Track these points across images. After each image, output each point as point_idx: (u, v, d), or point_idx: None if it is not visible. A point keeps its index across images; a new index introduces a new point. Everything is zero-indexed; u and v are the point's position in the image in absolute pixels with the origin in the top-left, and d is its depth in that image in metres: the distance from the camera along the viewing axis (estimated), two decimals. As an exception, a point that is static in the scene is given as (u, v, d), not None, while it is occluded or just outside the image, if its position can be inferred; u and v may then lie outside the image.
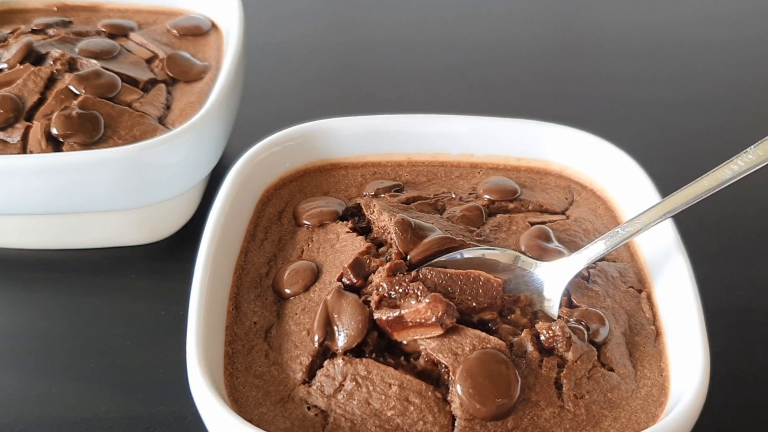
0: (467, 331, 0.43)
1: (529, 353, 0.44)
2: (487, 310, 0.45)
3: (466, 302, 0.45)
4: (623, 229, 0.48)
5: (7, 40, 0.68)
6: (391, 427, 0.42)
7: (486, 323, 0.45)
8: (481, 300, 0.45)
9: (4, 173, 0.57)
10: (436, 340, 0.43)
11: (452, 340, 0.43)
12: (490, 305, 0.45)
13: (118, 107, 0.62)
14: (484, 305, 0.45)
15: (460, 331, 0.43)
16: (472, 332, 0.43)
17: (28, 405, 0.54)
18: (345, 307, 0.45)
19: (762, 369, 0.57)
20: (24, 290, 0.63)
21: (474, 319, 0.45)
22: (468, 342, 0.43)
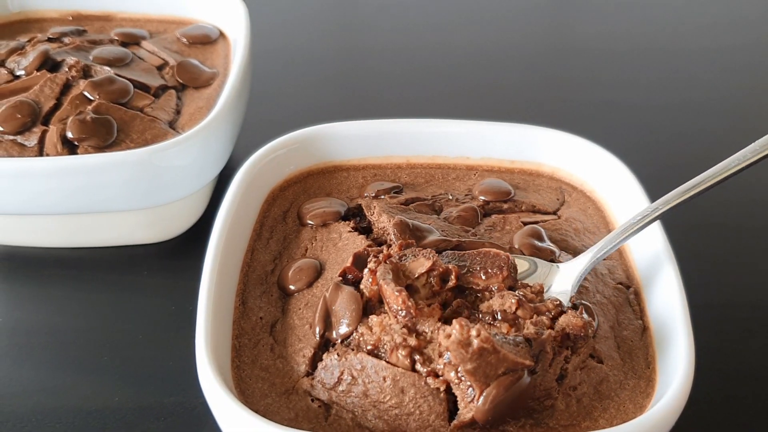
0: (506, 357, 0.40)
1: (545, 354, 0.43)
2: (494, 279, 0.46)
3: (475, 274, 0.46)
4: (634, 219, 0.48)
5: (25, 48, 0.68)
6: (390, 417, 0.42)
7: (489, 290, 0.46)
8: (489, 270, 0.46)
9: (22, 175, 0.57)
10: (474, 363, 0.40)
11: (488, 365, 0.40)
12: (496, 274, 0.46)
13: (131, 112, 0.62)
14: (491, 275, 0.46)
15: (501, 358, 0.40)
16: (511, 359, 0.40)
17: (44, 396, 0.54)
18: (342, 298, 0.45)
19: (745, 362, 0.57)
20: (40, 287, 0.63)
21: (480, 287, 0.46)
22: (502, 367, 0.40)
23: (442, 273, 0.45)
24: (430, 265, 0.45)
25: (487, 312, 0.44)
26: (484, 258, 0.47)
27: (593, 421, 0.43)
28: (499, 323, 0.43)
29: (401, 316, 0.43)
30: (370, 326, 0.44)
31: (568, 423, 0.42)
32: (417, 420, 0.42)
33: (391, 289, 0.43)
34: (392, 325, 0.43)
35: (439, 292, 0.45)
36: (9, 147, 0.59)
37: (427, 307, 0.44)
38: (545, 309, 0.44)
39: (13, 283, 0.63)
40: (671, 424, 0.41)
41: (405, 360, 0.42)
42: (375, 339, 0.43)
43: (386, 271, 0.45)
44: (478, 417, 0.40)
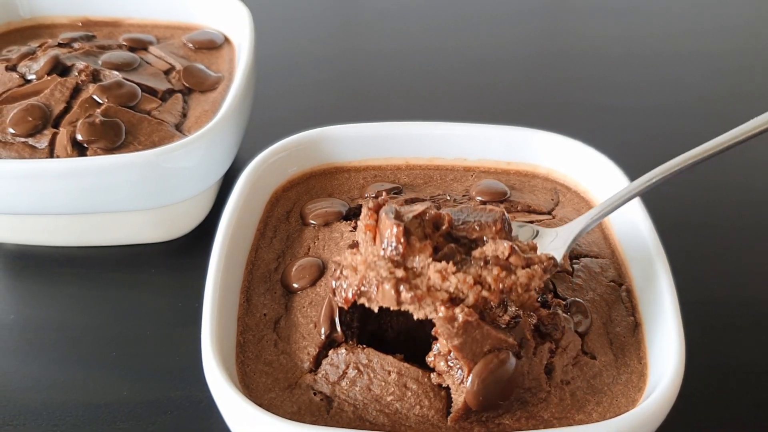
0: (490, 333, 0.41)
1: (526, 341, 0.43)
2: (488, 230, 0.43)
3: (470, 225, 0.44)
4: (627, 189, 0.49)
5: (36, 53, 0.68)
6: (391, 411, 0.42)
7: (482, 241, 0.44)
8: (483, 222, 0.44)
9: (33, 176, 0.57)
10: (461, 338, 0.41)
11: (474, 340, 0.41)
12: (490, 226, 0.44)
13: (138, 115, 0.62)
14: (485, 226, 0.44)
15: (485, 333, 0.41)
16: (495, 335, 0.41)
17: (54, 390, 0.54)
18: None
19: (735, 357, 0.57)
20: (51, 284, 0.63)
21: (474, 236, 0.44)
22: (488, 344, 0.41)
23: (435, 218, 0.43)
24: (424, 208, 0.43)
25: (480, 257, 0.42)
26: (479, 212, 0.45)
27: (587, 414, 0.43)
28: (491, 267, 0.41)
29: (390, 249, 0.41)
30: (354, 266, 0.42)
31: (562, 416, 0.42)
32: (417, 414, 0.42)
33: (390, 222, 0.41)
34: (377, 262, 0.41)
35: (431, 236, 0.43)
36: (20, 149, 0.59)
37: (419, 243, 0.42)
38: (537, 260, 0.43)
39: (24, 281, 0.63)
40: (662, 417, 0.41)
41: (390, 292, 0.40)
42: (359, 278, 0.41)
43: (391, 208, 0.43)
44: (469, 400, 0.40)
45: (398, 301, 0.40)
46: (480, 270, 0.41)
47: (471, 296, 0.40)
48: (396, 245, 0.41)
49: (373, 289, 0.40)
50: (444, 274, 0.40)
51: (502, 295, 0.40)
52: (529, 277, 0.41)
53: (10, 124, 0.60)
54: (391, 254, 0.41)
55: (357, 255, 0.42)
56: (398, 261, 0.41)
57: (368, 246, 0.43)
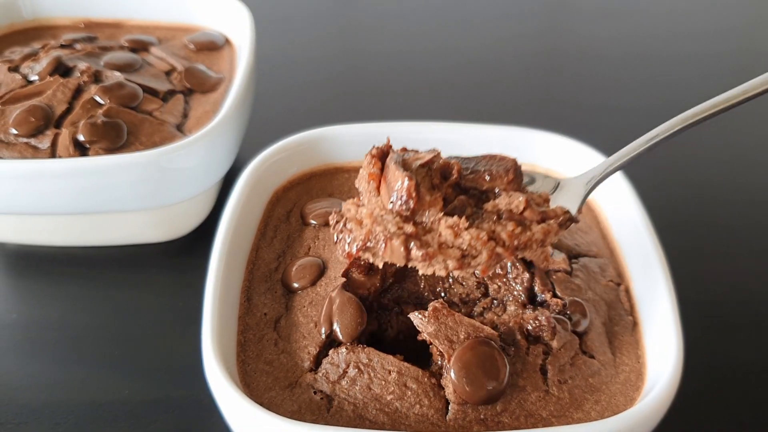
0: (462, 320, 0.43)
1: (517, 341, 0.44)
2: (499, 181, 0.41)
3: (480, 175, 0.41)
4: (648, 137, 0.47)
5: (38, 54, 0.68)
6: (391, 410, 0.42)
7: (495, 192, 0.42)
8: (495, 172, 0.41)
9: (35, 176, 0.57)
10: (433, 325, 0.43)
11: (448, 328, 0.43)
12: (501, 176, 0.41)
13: (140, 116, 0.62)
14: (496, 176, 0.41)
15: (456, 320, 0.43)
16: (467, 321, 0.43)
17: (57, 389, 0.54)
18: (346, 303, 0.45)
19: (733, 356, 0.57)
20: (53, 284, 0.63)
21: (485, 187, 0.41)
22: (463, 330, 0.43)
23: (443, 167, 0.40)
24: (431, 156, 0.40)
25: (492, 211, 0.40)
26: (489, 160, 0.42)
27: (585, 412, 0.43)
28: (505, 222, 0.39)
29: (400, 203, 0.38)
30: (358, 219, 0.39)
31: (561, 414, 0.42)
32: (417, 413, 0.42)
33: (401, 173, 0.38)
34: (384, 216, 0.38)
35: (438, 186, 0.40)
36: (23, 149, 0.59)
37: (429, 196, 0.39)
38: (553, 214, 0.40)
39: (26, 280, 0.63)
40: (660, 415, 0.41)
41: (400, 248, 0.37)
42: (365, 233, 0.38)
43: (399, 156, 0.40)
44: (456, 389, 0.41)
45: (407, 258, 0.37)
46: (493, 225, 0.39)
47: (484, 253, 0.38)
48: (406, 199, 0.38)
49: (380, 245, 0.38)
50: (456, 230, 0.38)
51: (516, 252, 0.38)
52: (545, 233, 0.39)
53: (12, 125, 0.60)
54: (400, 208, 0.38)
55: (362, 207, 0.40)
56: (407, 216, 0.38)
57: (371, 196, 0.40)
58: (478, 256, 0.38)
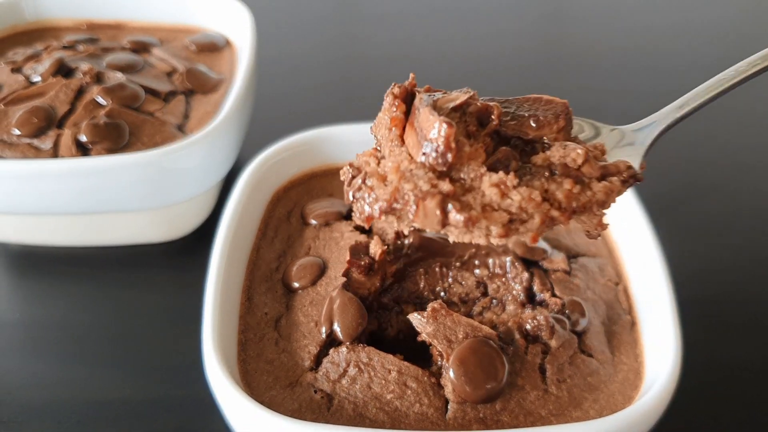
0: (461, 320, 0.43)
1: (515, 341, 0.44)
2: (547, 128, 0.34)
3: (524, 121, 0.34)
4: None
5: (41, 56, 0.68)
6: (391, 408, 0.42)
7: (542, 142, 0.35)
8: (542, 118, 0.34)
9: (36, 176, 0.57)
10: (431, 326, 0.43)
11: (446, 327, 0.43)
12: (550, 123, 0.34)
13: (142, 116, 0.62)
14: (544, 123, 0.34)
15: (455, 320, 0.43)
16: (465, 320, 0.43)
17: (59, 387, 0.54)
18: (346, 303, 0.45)
19: (731, 356, 0.57)
20: (55, 284, 0.63)
21: (530, 136, 0.34)
22: (461, 330, 0.43)
23: (481, 110, 0.34)
24: (467, 98, 0.34)
25: (543, 165, 0.33)
26: (533, 104, 0.35)
27: (584, 411, 0.43)
28: (560, 178, 0.32)
29: (435, 155, 0.31)
30: (381, 174, 0.33)
31: (559, 412, 0.42)
32: (417, 412, 0.42)
33: (436, 117, 0.31)
34: (414, 170, 0.32)
35: (475, 134, 0.34)
36: (25, 150, 0.59)
37: (468, 147, 0.32)
38: (615, 169, 0.33)
39: (29, 280, 0.63)
40: (658, 414, 0.41)
41: (435, 211, 0.30)
42: (391, 191, 0.31)
43: (429, 98, 0.34)
44: (456, 388, 0.41)
45: (443, 223, 0.31)
46: (546, 182, 0.32)
47: (537, 217, 0.31)
48: (444, 151, 0.31)
49: (410, 207, 0.31)
50: (503, 189, 0.31)
51: (574, 215, 0.32)
52: (607, 193, 0.32)
53: (15, 126, 0.60)
54: (435, 162, 0.31)
55: (384, 160, 0.33)
56: (443, 171, 0.31)
57: (393, 146, 0.33)
58: (529, 220, 0.31)
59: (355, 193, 0.33)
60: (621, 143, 0.38)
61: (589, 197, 0.32)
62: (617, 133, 0.39)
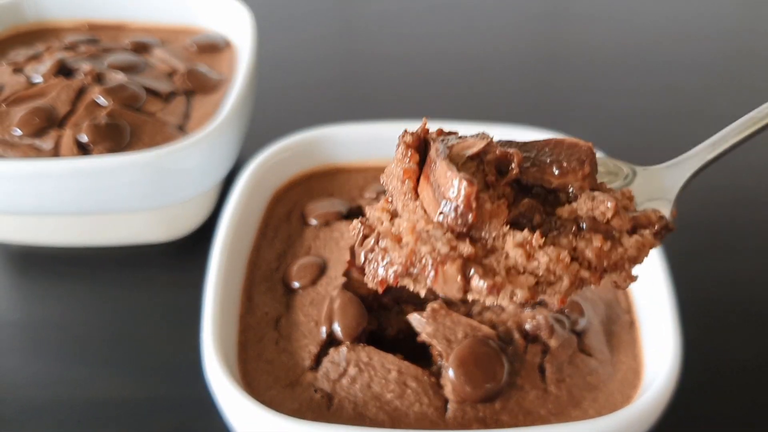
0: (460, 319, 0.43)
1: (515, 340, 0.44)
2: (572, 176, 0.31)
3: (545, 168, 0.32)
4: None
5: (42, 56, 0.68)
6: (391, 408, 0.42)
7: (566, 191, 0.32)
8: (565, 164, 0.31)
9: (38, 176, 0.57)
10: (431, 326, 0.43)
11: (446, 327, 0.43)
12: (574, 169, 0.32)
13: (143, 117, 0.62)
14: (568, 170, 0.31)
15: (454, 320, 0.43)
16: (465, 320, 0.43)
17: (59, 387, 0.54)
18: (347, 303, 0.45)
19: (731, 355, 0.57)
20: (55, 284, 0.63)
21: (553, 184, 0.32)
22: (461, 330, 0.43)
23: (500, 158, 0.31)
24: (484, 145, 0.31)
25: (569, 219, 0.31)
26: (555, 148, 0.32)
27: (583, 410, 0.43)
28: (588, 234, 0.30)
29: (454, 215, 0.29)
30: (396, 235, 0.30)
31: (559, 412, 0.42)
32: (417, 412, 0.42)
33: (455, 173, 0.29)
34: (431, 231, 0.29)
35: (494, 185, 0.31)
36: (26, 150, 0.59)
37: (489, 203, 0.30)
38: (646, 221, 0.31)
39: (29, 280, 0.63)
40: (657, 413, 0.41)
41: (456, 277, 0.28)
42: (407, 254, 0.29)
43: (446, 147, 0.31)
44: (456, 388, 0.41)
45: (465, 290, 0.29)
46: (573, 239, 0.30)
47: (566, 279, 0.29)
48: (464, 211, 0.29)
49: (429, 272, 0.29)
50: (529, 250, 0.29)
51: (605, 274, 0.30)
52: (639, 248, 0.31)
53: (16, 126, 0.60)
54: (453, 222, 0.29)
55: (399, 219, 0.31)
56: (461, 232, 0.29)
57: (407, 200, 0.31)
58: (557, 282, 0.29)
59: (367, 254, 0.31)
60: (648, 187, 0.36)
61: (621, 254, 0.30)
62: (644, 174, 0.36)
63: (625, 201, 0.33)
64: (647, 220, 0.32)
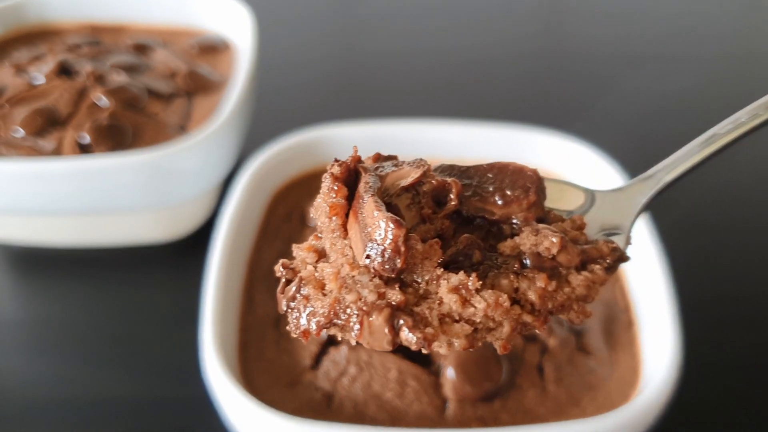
0: None
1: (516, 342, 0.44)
2: (516, 204, 0.29)
3: (487, 197, 0.29)
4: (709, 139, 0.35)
5: (45, 57, 0.68)
6: (391, 407, 0.42)
7: (510, 222, 0.29)
8: (509, 193, 0.29)
9: (38, 176, 0.57)
10: None
11: None
12: (518, 198, 0.29)
13: (144, 117, 0.62)
14: (512, 198, 0.29)
15: None
16: None
17: (61, 385, 0.54)
18: None
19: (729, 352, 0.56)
20: (57, 284, 0.63)
21: (496, 215, 0.29)
22: None
23: (437, 189, 0.29)
24: (419, 175, 0.28)
25: (511, 255, 0.28)
26: (498, 174, 0.30)
27: (581, 409, 0.43)
28: (531, 273, 0.27)
29: (381, 260, 0.25)
30: (320, 281, 0.27)
31: (558, 410, 0.42)
32: (416, 410, 0.42)
33: (383, 214, 0.26)
34: (357, 277, 0.26)
35: (431, 219, 0.29)
36: (29, 151, 0.59)
37: (421, 244, 0.26)
38: (597, 254, 0.28)
39: (32, 280, 0.63)
40: (656, 411, 0.41)
41: (383, 329, 0.25)
42: (329, 304, 0.26)
43: (376, 179, 0.28)
44: (456, 388, 0.41)
45: (394, 343, 0.25)
46: (515, 279, 0.27)
47: (507, 325, 0.27)
48: (391, 256, 0.25)
49: (354, 324, 0.26)
50: (465, 295, 0.26)
51: (551, 316, 0.27)
52: (588, 286, 0.27)
53: (18, 126, 0.60)
54: (381, 267, 0.26)
55: (322, 264, 0.27)
56: (390, 277, 0.26)
57: (335, 238, 0.28)
58: (498, 328, 0.27)
59: (288, 302, 0.28)
60: (606, 212, 0.32)
61: (568, 294, 0.27)
62: (602, 198, 0.33)
63: (574, 232, 0.30)
64: (598, 253, 0.29)
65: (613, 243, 0.29)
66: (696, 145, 0.35)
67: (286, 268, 0.30)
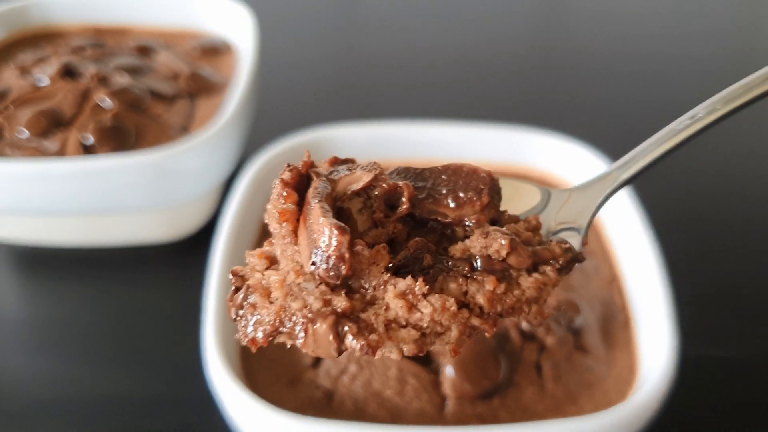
0: None
1: (512, 338, 0.44)
2: (469, 207, 0.29)
3: (440, 199, 0.29)
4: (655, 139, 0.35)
5: (49, 59, 0.68)
6: (391, 405, 0.42)
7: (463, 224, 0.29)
8: (462, 195, 0.29)
9: (43, 177, 0.57)
10: None
11: None
12: (472, 200, 0.29)
13: (147, 119, 0.62)
14: (465, 201, 0.29)
15: None
16: None
17: (63, 385, 0.54)
18: None
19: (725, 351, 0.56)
20: (60, 284, 0.63)
21: (449, 218, 0.29)
22: None
23: (388, 192, 0.29)
24: (371, 179, 0.29)
25: (462, 258, 0.28)
26: (453, 176, 0.30)
27: (579, 407, 0.43)
28: (481, 276, 0.27)
29: (325, 267, 0.25)
30: (266, 288, 0.27)
31: (555, 408, 0.42)
32: (416, 408, 0.42)
33: (327, 221, 0.25)
34: (303, 284, 0.26)
35: (383, 223, 0.29)
36: (32, 152, 0.59)
37: (367, 250, 0.26)
38: (549, 255, 0.28)
39: (35, 279, 0.63)
40: (653, 409, 0.41)
41: (327, 337, 0.25)
42: (275, 312, 0.26)
43: (326, 186, 0.28)
44: (455, 386, 0.41)
45: (339, 350, 0.25)
46: (464, 282, 0.27)
47: (454, 330, 0.26)
48: (336, 263, 0.25)
49: (299, 332, 0.25)
50: (411, 301, 0.26)
51: (500, 319, 0.27)
52: (539, 288, 0.27)
53: (22, 127, 0.60)
54: (326, 274, 0.26)
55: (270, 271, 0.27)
56: (336, 283, 0.26)
57: (286, 245, 0.27)
58: (446, 332, 0.26)
59: (237, 310, 0.27)
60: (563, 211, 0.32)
61: (518, 297, 0.27)
62: (558, 197, 0.33)
63: (527, 234, 0.29)
64: (550, 254, 0.28)
65: (567, 243, 0.29)
66: (652, 143, 0.35)
67: (236, 275, 0.29)
